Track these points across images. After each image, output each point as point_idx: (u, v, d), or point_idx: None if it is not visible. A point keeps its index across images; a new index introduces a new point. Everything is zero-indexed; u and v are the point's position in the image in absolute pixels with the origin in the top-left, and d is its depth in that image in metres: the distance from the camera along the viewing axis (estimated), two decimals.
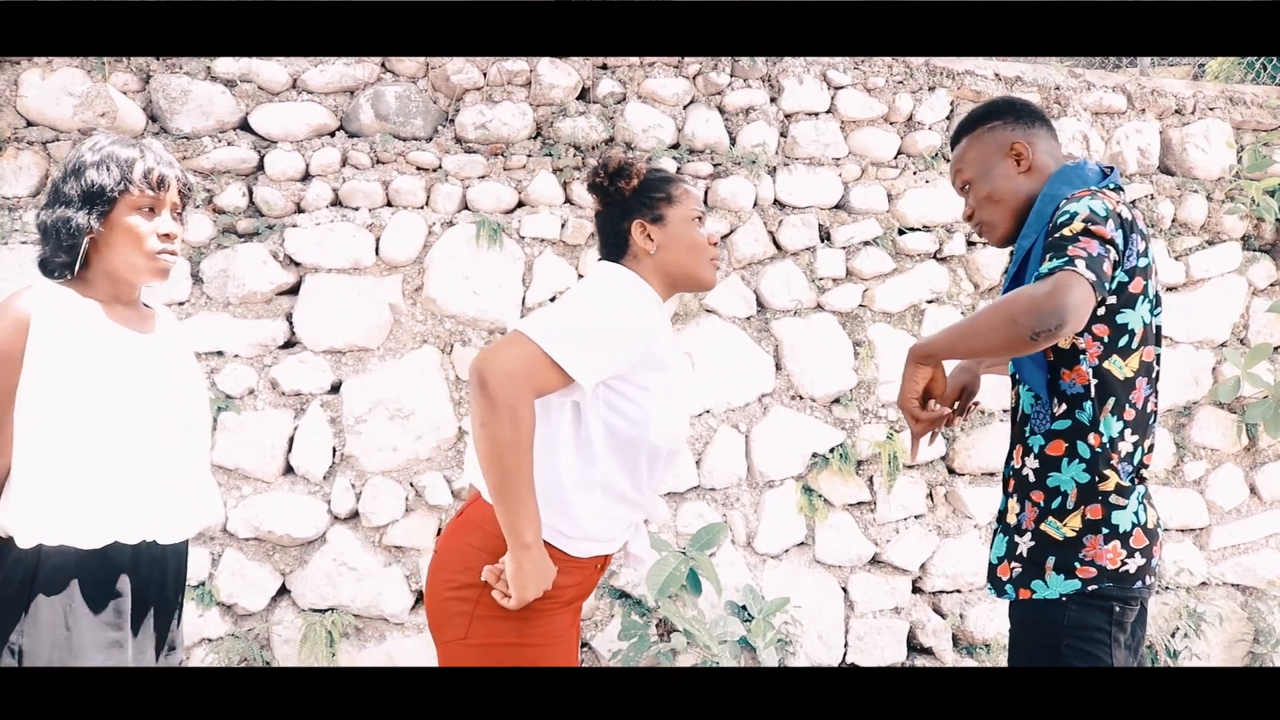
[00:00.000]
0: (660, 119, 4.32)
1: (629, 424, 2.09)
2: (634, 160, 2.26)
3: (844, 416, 4.51)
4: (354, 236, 4.13)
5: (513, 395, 1.88)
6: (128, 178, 2.13)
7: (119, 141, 2.18)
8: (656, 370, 2.11)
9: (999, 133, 2.32)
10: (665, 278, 2.25)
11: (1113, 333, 2.11)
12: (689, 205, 2.27)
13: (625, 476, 2.14)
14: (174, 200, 2.22)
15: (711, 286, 2.33)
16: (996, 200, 2.30)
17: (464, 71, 4.18)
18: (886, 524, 4.54)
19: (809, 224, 4.46)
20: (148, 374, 2.16)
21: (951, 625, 4.58)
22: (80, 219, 2.10)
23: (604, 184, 2.25)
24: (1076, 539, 2.13)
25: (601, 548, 2.18)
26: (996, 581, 2.29)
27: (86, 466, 2.05)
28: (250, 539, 4.08)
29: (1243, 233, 4.89)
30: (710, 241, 2.29)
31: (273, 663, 4.07)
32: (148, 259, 2.16)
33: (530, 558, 1.96)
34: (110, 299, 2.18)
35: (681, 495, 4.39)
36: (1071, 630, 2.11)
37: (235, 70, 4.11)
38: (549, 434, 2.08)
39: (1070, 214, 2.04)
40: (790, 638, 4.32)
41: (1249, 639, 4.80)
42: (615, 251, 2.27)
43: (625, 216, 2.25)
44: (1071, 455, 2.15)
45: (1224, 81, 5.26)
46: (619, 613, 4.27)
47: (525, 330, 1.96)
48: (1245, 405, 4.82)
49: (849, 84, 4.49)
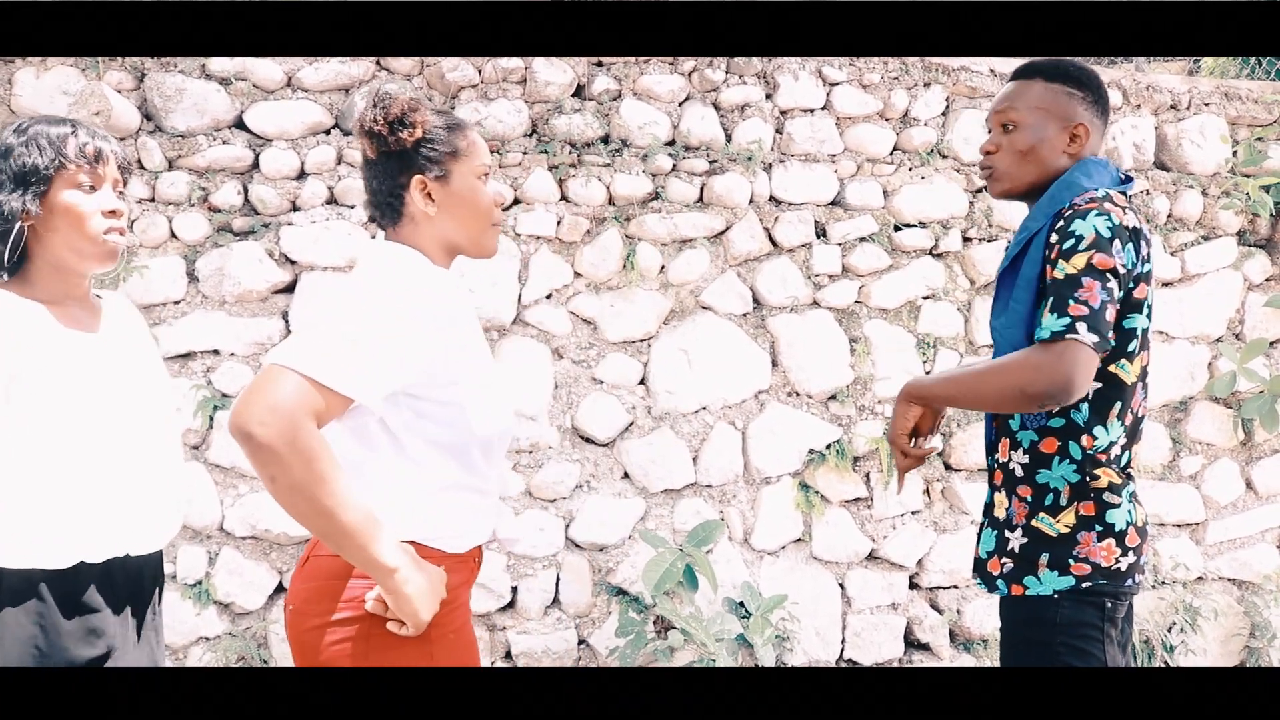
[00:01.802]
0: (655, 116, 4.32)
1: (446, 427, 1.87)
2: (419, 104, 1.93)
3: (840, 413, 4.51)
4: (349, 235, 4.12)
5: (284, 432, 1.59)
6: (61, 153, 1.97)
7: (45, 120, 2.02)
8: (460, 355, 1.87)
9: (1074, 103, 2.21)
10: (444, 243, 1.97)
11: (1120, 337, 2.10)
12: (476, 160, 1.98)
13: (466, 472, 1.92)
14: (114, 175, 2.06)
15: (492, 255, 2.06)
16: (1030, 161, 2.21)
17: (459, 69, 4.17)
18: (883, 520, 4.55)
19: (805, 220, 4.45)
20: (101, 378, 2.01)
21: (949, 621, 4.59)
22: (14, 202, 1.94)
23: (381, 131, 1.90)
24: (1070, 535, 2.12)
25: (475, 538, 1.99)
26: (986, 576, 2.29)
27: (44, 485, 1.92)
28: (247, 537, 4.08)
29: (1238, 228, 4.89)
30: (497, 203, 2.03)
31: (270, 661, 4.07)
32: (93, 241, 1.99)
33: (401, 579, 1.74)
34: (58, 296, 2.02)
35: (678, 492, 4.39)
36: (1065, 628, 2.10)
37: (230, 68, 4.10)
38: (374, 459, 1.86)
39: (1077, 236, 2.01)
40: (788, 634, 4.33)
41: (1245, 634, 4.81)
42: (389, 213, 1.96)
43: (403, 170, 1.93)
44: (1063, 455, 2.14)
45: (1219, 77, 5.26)
46: (616, 610, 4.27)
47: (280, 361, 1.66)
48: (1241, 400, 4.83)
49: (844, 80, 4.48)
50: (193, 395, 3.98)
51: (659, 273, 4.36)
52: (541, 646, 4.21)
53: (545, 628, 4.25)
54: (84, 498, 1.95)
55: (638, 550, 4.31)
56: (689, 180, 4.35)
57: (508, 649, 4.22)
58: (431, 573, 1.82)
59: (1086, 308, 1.96)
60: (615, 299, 4.31)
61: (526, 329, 4.26)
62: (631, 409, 4.34)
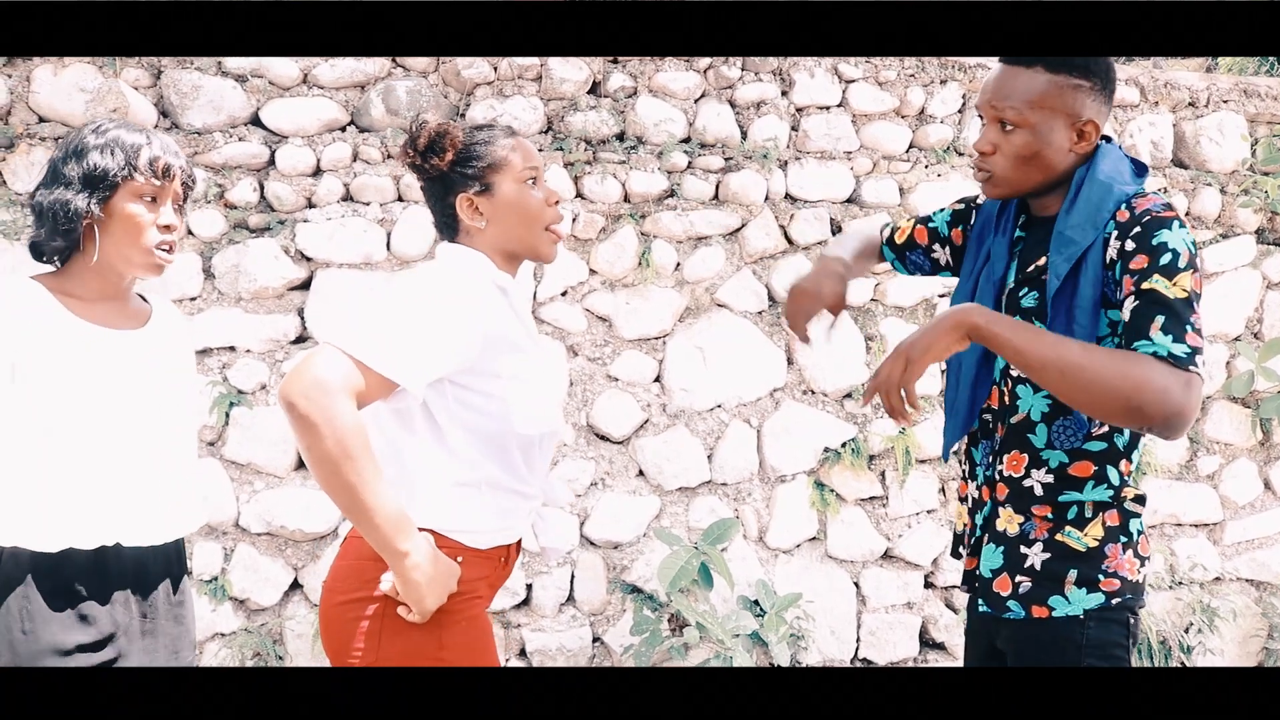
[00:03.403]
0: (671, 113, 4.31)
1: (489, 419, 1.91)
2: (449, 127, 1.98)
3: (856, 411, 4.50)
4: (365, 231, 4.13)
5: (324, 407, 1.66)
6: (132, 163, 2.02)
7: (124, 126, 2.07)
8: (508, 353, 1.92)
9: (1081, 97, 1.94)
10: (501, 252, 2.02)
11: None
12: (519, 166, 2.00)
13: (502, 470, 1.95)
14: (176, 191, 2.11)
15: (551, 260, 2.09)
16: (1035, 167, 1.96)
17: (475, 66, 4.18)
18: (898, 519, 4.54)
19: (820, 218, 4.44)
20: (115, 374, 2.04)
21: (964, 620, 4.57)
22: (79, 202, 1.98)
23: (416, 162, 2.00)
24: (1099, 549, 1.96)
25: (504, 537, 2.01)
26: (994, 598, 2.04)
27: (37, 469, 1.96)
28: (263, 534, 4.09)
29: (1257, 226, 4.86)
30: (549, 202, 2.04)
31: (286, 658, 4.08)
32: (144, 252, 2.05)
33: (411, 565, 1.78)
34: (93, 293, 2.07)
35: (693, 490, 4.39)
36: (1093, 649, 1.94)
37: (246, 66, 4.11)
38: (412, 441, 1.91)
39: (1174, 252, 1.80)
40: (802, 633, 4.32)
41: (1263, 634, 4.78)
42: (447, 230, 2.05)
43: (449, 192, 2.01)
44: (1099, 479, 1.96)
45: (1238, 74, 5.23)
46: (630, 608, 4.27)
47: (332, 339, 1.75)
48: (1259, 400, 4.80)
49: (860, 78, 4.47)
50: (208, 392, 4.00)
51: (674, 270, 4.36)
52: (556, 644, 4.22)
53: (560, 625, 4.25)
54: (76, 484, 1.98)
55: (652, 548, 4.31)
56: (704, 177, 4.35)
57: (522, 646, 4.22)
58: (443, 564, 1.85)
59: (1200, 339, 1.77)
60: (630, 296, 4.31)
61: (542, 326, 4.27)
62: (647, 406, 4.34)
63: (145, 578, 2.10)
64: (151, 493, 2.08)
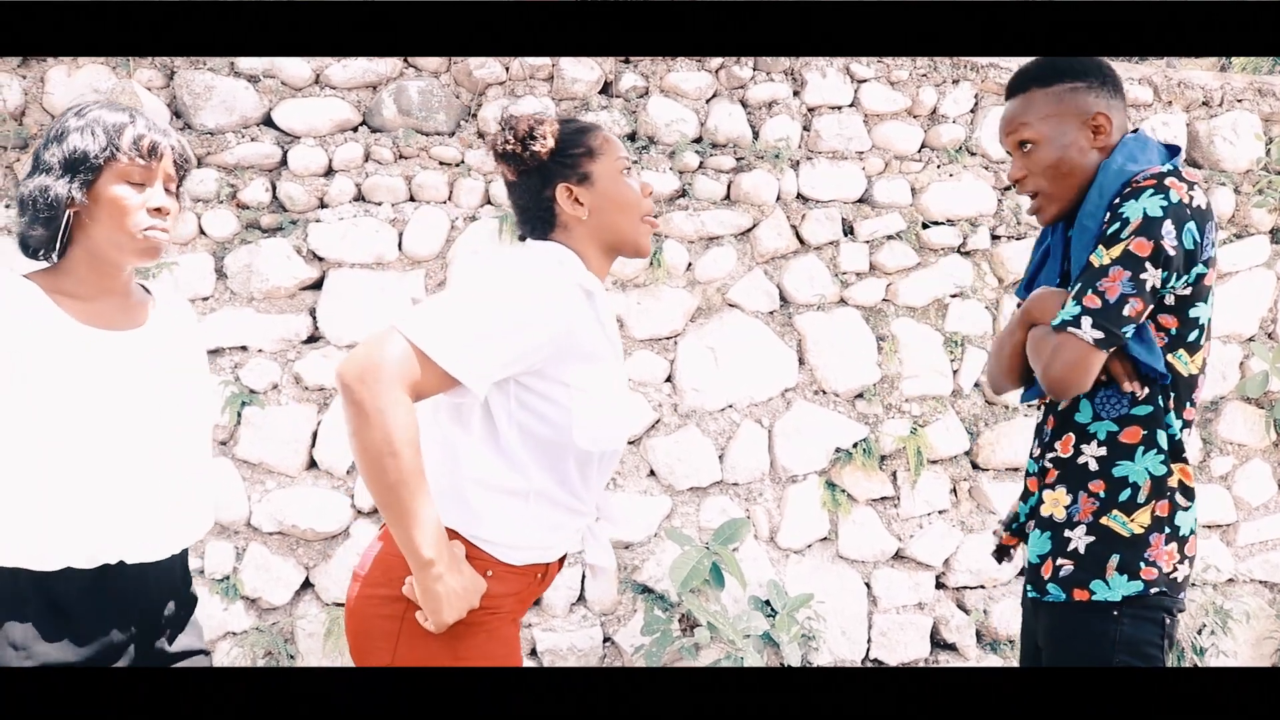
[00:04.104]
0: (683, 113, 4.31)
1: (549, 427, 1.83)
2: (544, 116, 1.93)
3: (867, 411, 4.49)
4: (377, 231, 4.14)
5: (380, 397, 1.61)
6: (115, 144, 1.87)
7: (107, 106, 1.93)
8: (581, 362, 1.83)
9: (1081, 96, 2.05)
10: (601, 245, 1.95)
11: (1182, 326, 1.97)
12: (614, 155, 1.96)
13: (555, 482, 1.87)
14: (168, 172, 1.95)
15: (647, 254, 2.03)
16: (1064, 174, 2.05)
17: (486, 66, 4.18)
18: (910, 519, 4.53)
19: (832, 218, 4.44)
20: (113, 379, 1.90)
21: (975, 621, 4.57)
22: (60, 188, 1.85)
23: (515, 150, 1.91)
24: (1143, 537, 1.97)
25: (542, 555, 1.93)
26: (1037, 580, 2.09)
27: (33, 485, 1.83)
28: (274, 533, 4.10)
29: (1271, 226, 4.83)
30: (645, 193, 1.99)
31: (297, 657, 4.09)
32: (132, 236, 1.89)
33: (434, 575, 1.71)
34: (91, 288, 1.93)
35: (704, 490, 4.39)
36: (1125, 645, 1.96)
37: (258, 66, 4.12)
38: (465, 439, 1.84)
39: (1124, 220, 1.90)
40: (814, 633, 4.31)
41: (1277, 636, 4.76)
42: (542, 226, 1.96)
43: (547, 183, 1.92)
44: (1149, 444, 1.98)
45: (1252, 73, 5.20)
46: (641, 608, 4.28)
47: (399, 324, 1.68)
48: (1273, 400, 4.78)
49: (872, 78, 4.46)
50: (221, 391, 4.01)
51: (686, 270, 4.35)
52: (567, 644, 4.22)
53: (571, 625, 4.25)
54: (73, 500, 1.85)
55: (663, 548, 4.31)
56: (716, 177, 4.35)
57: (533, 646, 4.23)
58: (469, 578, 1.78)
59: (1100, 300, 1.88)
60: (642, 296, 4.30)
61: None
62: (658, 406, 4.34)
63: (148, 595, 1.97)
64: (155, 505, 1.95)
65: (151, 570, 1.96)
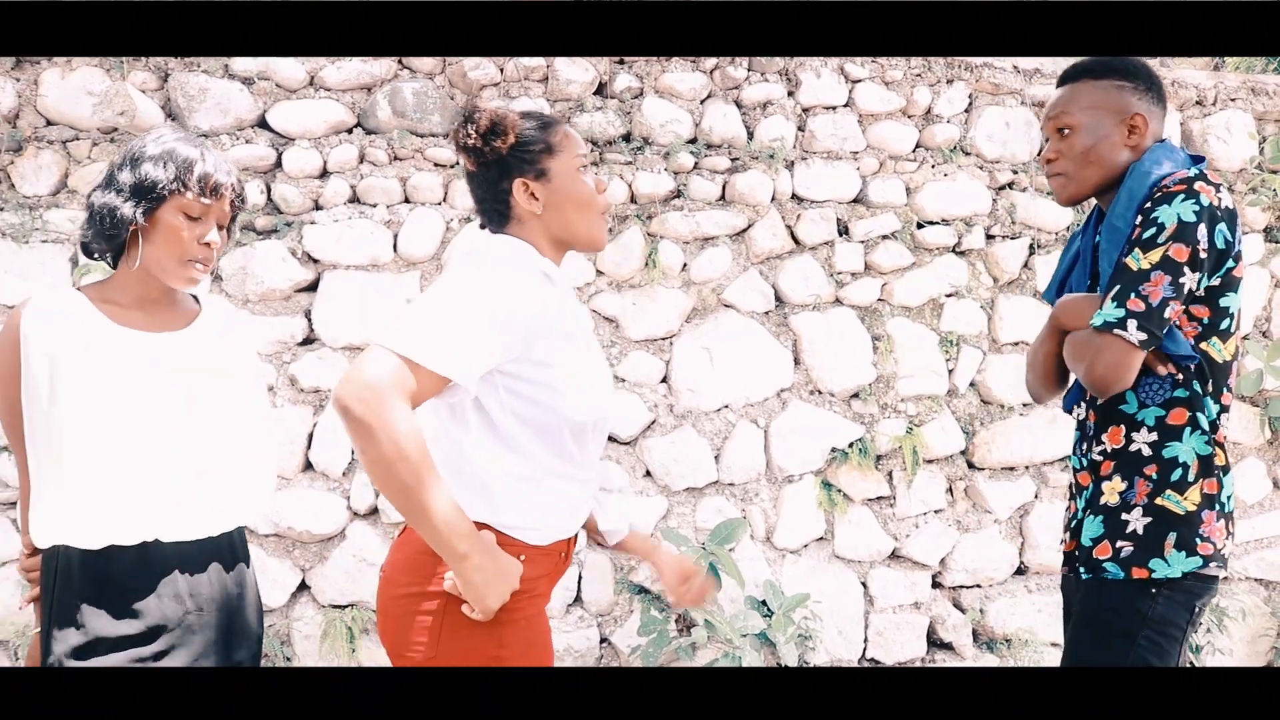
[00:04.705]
0: (677, 114, 4.31)
1: (540, 408, 1.91)
2: (507, 112, 1.99)
3: (863, 411, 4.49)
4: (372, 233, 4.13)
5: (378, 411, 1.68)
6: (183, 179, 2.06)
7: (183, 139, 2.11)
8: (557, 341, 1.91)
9: (1125, 95, 2.18)
10: (554, 239, 2.02)
11: (1214, 314, 2.08)
12: (573, 152, 2.02)
13: (559, 459, 1.96)
14: (223, 210, 2.15)
15: (603, 247, 2.11)
16: (1092, 161, 2.18)
17: (481, 67, 4.18)
18: (906, 519, 4.53)
19: (827, 218, 4.44)
20: (150, 375, 2.08)
21: (972, 620, 4.57)
22: (126, 210, 2.04)
23: (476, 145, 1.99)
24: (1196, 514, 2.08)
25: (564, 530, 2.03)
26: (1091, 562, 2.17)
27: (81, 469, 2.01)
28: (270, 535, 4.10)
29: (1265, 224, 4.85)
30: (599, 190, 2.06)
31: (293, 659, 4.09)
32: (179, 265, 2.09)
33: (473, 566, 1.79)
34: (132, 298, 2.12)
35: (700, 490, 4.39)
36: (1154, 623, 2.07)
37: (253, 68, 4.11)
38: (468, 438, 1.92)
39: (1159, 225, 2.00)
40: (810, 633, 4.32)
41: (1272, 634, 4.77)
42: (497, 218, 2.03)
43: (504, 176, 1.99)
44: (1194, 425, 2.10)
45: (1245, 72, 5.22)
46: (638, 608, 4.27)
47: (381, 340, 1.76)
48: (1268, 399, 4.79)
49: (866, 78, 4.47)
50: None
51: (681, 270, 4.36)
52: (564, 645, 4.22)
53: (568, 626, 4.25)
54: (113, 483, 2.03)
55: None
56: (711, 178, 4.35)
57: None
58: (505, 563, 1.86)
59: (1144, 304, 1.99)
60: (637, 297, 4.31)
61: None
62: (654, 407, 4.34)
63: (194, 571, 2.12)
64: (189, 489, 2.12)
65: (194, 550, 2.13)
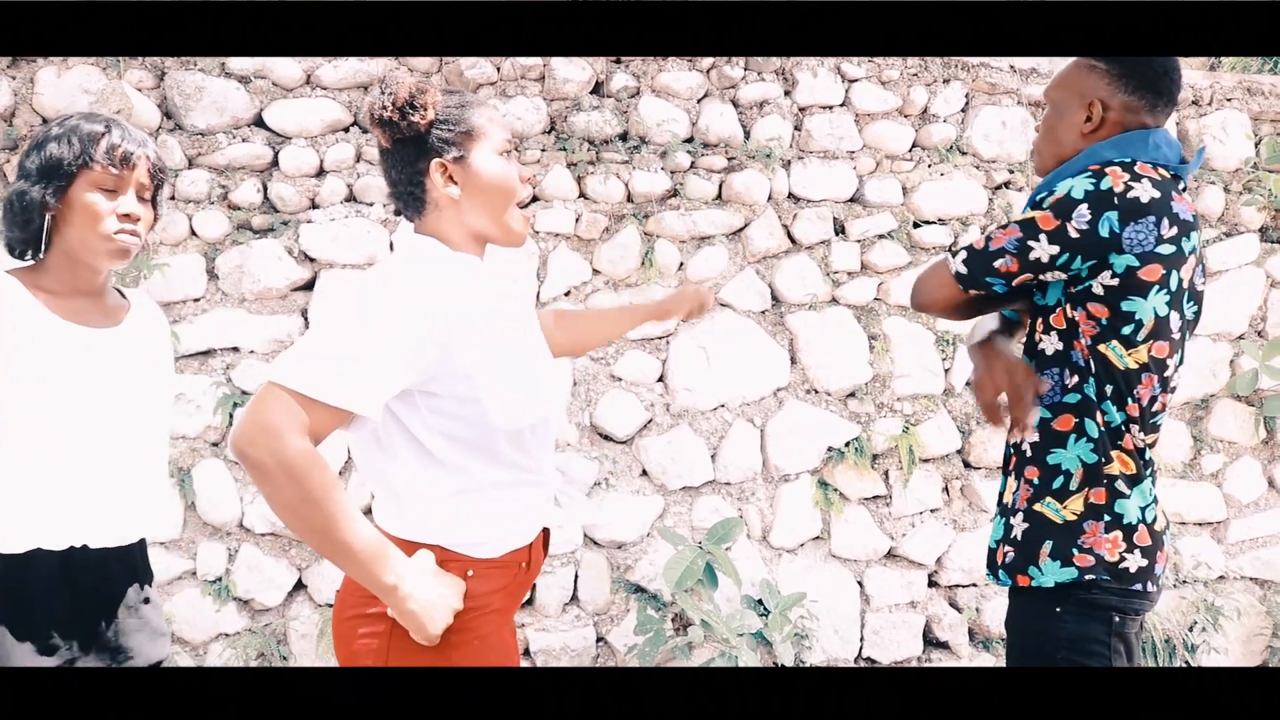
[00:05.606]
0: (674, 113, 4.32)
1: (468, 424, 1.78)
2: (427, 86, 1.82)
3: (859, 410, 4.50)
4: (368, 232, 4.13)
5: (275, 452, 1.56)
6: (88, 152, 1.97)
7: (86, 117, 2.02)
8: (474, 354, 1.75)
9: (1092, 79, 2.11)
10: (471, 230, 1.86)
11: (1113, 317, 1.95)
12: (495, 137, 1.86)
13: (501, 469, 1.83)
14: (141, 181, 2.04)
15: (522, 243, 1.93)
16: (1053, 139, 2.17)
17: (478, 66, 4.18)
18: (902, 518, 4.54)
19: (823, 217, 4.44)
20: (87, 372, 2.00)
21: (968, 619, 4.58)
22: (35, 194, 1.95)
23: (391, 118, 1.79)
24: (1076, 524, 1.98)
25: (518, 539, 1.89)
26: (993, 566, 2.13)
27: (8, 468, 1.92)
28: (267, 534, 4.10)
29: (1260, 224, 4.85)
30: (522, 179, 1.90)
31: (290, 658, 4.09)
32: (103, 240, 1.98)
33: (402, 597, 1.69)
34: (67, 287, 2.03)
35: (696, 489, 4.39)
36: (1068, 643, 1.96)
37: (249, 67, 4.11)
38: (397, 466, 1.79)
39: (1050, 191, 2.00)
40: (806, 632, 4.32)
41: (1267, 633, 4.78)
42: (412, 203, 1.86)
43: (421, 155, 1.82)
44: (1079, 433, 2.00)
45: (1241, 72, 5.22)
46: (634, 607, 4.28)
47: (274, 378, 1.61)
48: (1263, 398, 4.79)
49: (863, 77, 4.47)
50: (213, 392, 4.00)
51: (678, 270, 4.36)
52: (560, 644, 4.22)
53: (564, 625, 4.25)
54: (44, 483, 1.94)
55: (656, 548, 4.31)
56: (708, 177, 4.35)
57: (526, 646, 4.22)
58: (444, 584, 1.76)
59: (984, 244, 2.02)
60: (634, 296, 4.31)
61: None
62: (650, 406, 4.34)
63: (110, 582, 2.06)
64: (120, 492, 2.04)
65: (114, 558, 2.06)
